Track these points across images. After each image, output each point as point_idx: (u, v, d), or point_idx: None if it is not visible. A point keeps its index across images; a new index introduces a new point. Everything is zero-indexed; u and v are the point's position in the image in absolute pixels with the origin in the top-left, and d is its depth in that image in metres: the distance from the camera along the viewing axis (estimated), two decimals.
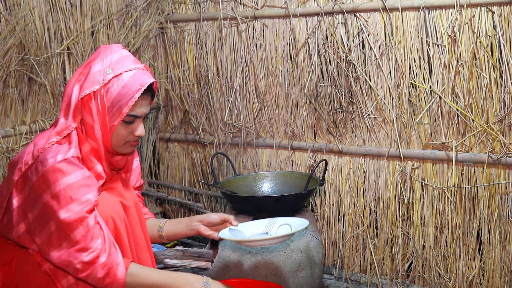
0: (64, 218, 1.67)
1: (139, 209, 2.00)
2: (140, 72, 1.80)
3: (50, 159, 1.70)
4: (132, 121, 1.82)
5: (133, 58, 1.84)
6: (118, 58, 1.80)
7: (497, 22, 2.37)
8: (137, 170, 2.13)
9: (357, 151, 2.85)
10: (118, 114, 1.78)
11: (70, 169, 1.71)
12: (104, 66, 1.78)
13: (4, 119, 2.67)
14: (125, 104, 1.76)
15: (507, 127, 2.43)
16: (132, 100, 1.76)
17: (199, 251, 2.59)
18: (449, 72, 2.52)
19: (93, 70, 1.78)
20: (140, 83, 1.78)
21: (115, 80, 1.76)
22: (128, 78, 1.77)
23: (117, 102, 1.76)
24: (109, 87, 1.76)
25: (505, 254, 2.52)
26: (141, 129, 1.84)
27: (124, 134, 1.83)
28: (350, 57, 2.74)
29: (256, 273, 2.35)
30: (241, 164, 3.21)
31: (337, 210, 2.95)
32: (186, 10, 3.27)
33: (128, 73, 1.78)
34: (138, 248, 1.94)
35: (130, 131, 1.84)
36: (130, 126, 1.83)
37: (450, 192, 2.61)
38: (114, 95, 1.76)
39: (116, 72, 1.77)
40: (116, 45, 1.86)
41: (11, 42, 2.55)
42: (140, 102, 1.80)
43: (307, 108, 2.94)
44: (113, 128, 1.80)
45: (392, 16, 2.61)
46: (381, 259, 2.83)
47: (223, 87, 3.18)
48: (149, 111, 1.87)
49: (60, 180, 1.68)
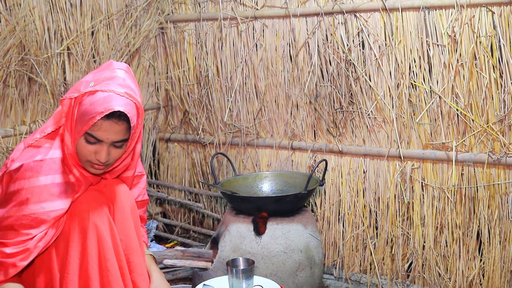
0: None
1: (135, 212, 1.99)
2: (115, 97, 1.72)
3: (28, 157, 1.76)
4: (95, 142, 1.75)
5: (123, 82, 1.77)
6: (108, 76, 1.77)
7: (497, 22, 2.37)
8: (141, 184, 2.12)
9: (357, 151, 2.85)
10: (79, 129, 1.74)
11: (44, 171, 1.74)
12: (93, 79, 1.77)
13: (4, 119, 2.67)
14: (85, 122, 1.71)
15: (507, 127, 2.43)
16: (91, 121, 1.70)
17: (199, 251, 2.59)
18: (449, 72, 2.52)
19: (84, 79, 1.80)
20: (105, 107, 1.69)
21: (89, 95, 1.74)
22: (99, 98, 1.71)
23: (82, 117, 1.73)
24: (83, 99, 1.75)
25: (505, 254, 2.52)
26: (102, 154, 1.75)
27: (86, 152, 1.76)
28: (350, 57, 2.74)
29: (256, 273, 2.35)
30: (241, 164, 3.21)
31: (337, 210, 2.95)
32: (186, 10, 3.28)
33: (103, 93, 1.72)
34: (131, 252, 1.92)
35: (93, 151, 1.76)
36: (94, 146, 1.76)
37: (450, 192, 2.61)
38: (83, 109, 1.73)
39: (95, 88, 1.74)
40: (118, 64, 1.83)
41: (11, 42, 2.55)
42: (105, 126, 1.72)
43: (307, 108, 2.94)
44: (76, 140, 1.77)
45: (392, 16, 2.61)
46: (381, 259, 2.83)
47: (223, 87, 3.18)
48: (121, 138, 1.76)
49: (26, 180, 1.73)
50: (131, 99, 1.76)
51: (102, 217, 1.84)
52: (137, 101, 1.78)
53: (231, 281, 2.03)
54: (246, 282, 2.02)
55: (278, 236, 2.44)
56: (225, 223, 2.57)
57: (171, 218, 3.56)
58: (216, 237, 2.60)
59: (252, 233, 2.46)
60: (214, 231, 3.17)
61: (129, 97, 1.75)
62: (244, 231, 2.46)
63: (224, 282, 2.11)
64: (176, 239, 3.33)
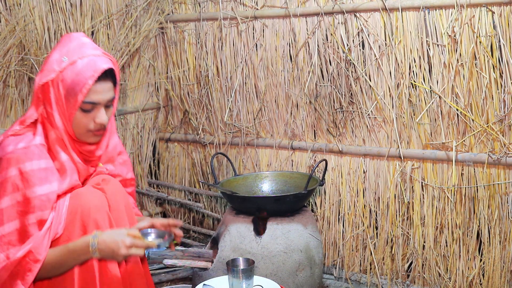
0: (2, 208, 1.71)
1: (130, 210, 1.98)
2: (96, 58, 1.77)
3: (9, 146, 1.74)
4: (91, 109, 1.78)
5: (93, 45, 1.81)
6: (75, 46, 1.78)
7: (497, 22, 2.37)
8: (127, 163, 2.13)
9: (357, 151, 2.85)
10: (74, 102, 1.76)
11: (28, 157, 1.73)
12: (61, 54, 1.78)
13: (4, 119, 2.67)
14: (79, 92, 1.74)
15: (507, 127, 2.43)
16: (85, 87, 1.73)
17: (199, 251, 2.59)
18: (449, 72, 2.52)
19: (51, 59, 1.78)
20: (94, 69, 1.74)
21: (69, 68, 1.75)
22: (82, 65, 1.74)
23: (72, 90, 1.74)
24: (64, 75, 1.75)
25: (505, 254, 2.52)
26: (102, 116, 1.80)
27: (85, 122, 1.80)
28: (350, 57, 2.74)
29: (256, 273, 2.35)
30: (241, 164, 3.21)
31: (337, 210, 2.95)
32: (186, 10, 3.28)
33: (82, 60, 1.75)
34: None
35: (91, 119, 1.80)
36: (90, 114, 1.79)
37: (450, 192, 2.61)
38: (69, 83, 1.74)
39: (71, 60, 1.75)
40: (77, 33, 1.85)
41: (11, 42, 2.56)
42: (97, 88, 1.76)
43: (307, 108, 2.94)
44: (72, 116, 1.78)
45: (392, 16, 2.61)
46: (381, 259, 2.83)
47: (223, 87, 3.18)
48: (111, 96, 1.82)
49: (12, 167, 1.71)
50: (109, 57, 1.82)
51: (102, 214, 1.84)
52: (113, 58, 1.85)
53: (231, 281, 2.03)
54: (246, 282, 2.02)
55: (278, 236, 2.44)
56: (225, 223, 2.57)
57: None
58: (216, 237, 2.60)
59: (252, 233, 2.46)
60: (214, 231, 3.17)
61: (107, 56, 1.81)
62: (244, 231, 2.46)
63: (224, 282, 2.11)
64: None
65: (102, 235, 1.73)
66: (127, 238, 1.72)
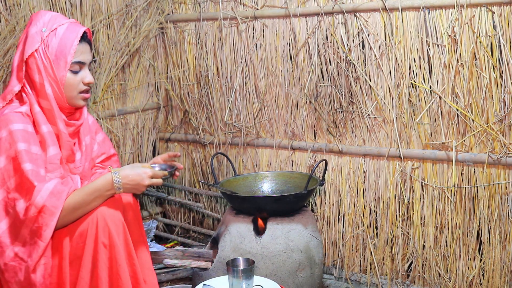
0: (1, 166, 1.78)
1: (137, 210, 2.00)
2: (73, 24, 1.93)
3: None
4: (79, 70, 1.94)
5: (63, 16, 1.96)
6: (49, 18, 1.92)
7: (497, 22, 2.37)
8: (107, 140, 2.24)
9: (357, 151, 2.85)
10: (64, 64, 1.89)
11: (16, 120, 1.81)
12: (39, 27, 1.90)
13: None
14: (68, 53, 1.88)
15: (507, 127, 2.43)
16: (73, 48, 1.89)
17: (199, 251, 2.59)
18: (449, 72, 2.52)
19: (30, 33, 1.90)
20: (76, 31, 1.91)
21: (52, 35, 1.89)
22: (63, 30, 1.90)
23: (60, 53, 1.88)
24: (48, 42, 1.88)
25: (505, 254, 2.52)
26: (89, 76, 1.96)
27: (75, 83, 1.93)
28: (350, 57, 2.74)
29: (256, 273, 2.35)
30: (241, 164, 3.21)
31: (337, 210, 2.95)
32: (186, 10, 3.28)
33: (62, 27, 1.90)
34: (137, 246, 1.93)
35: (80, 80, 1.94)
36: (78, 75, 1.94)
37: (450, 192, 2.61)
38: (56, 47, 1.88)
39: (52, 28, 1.89)
40: (44, 10, 1.99)
41: (11, 42, 2.56)
42: (82, 49, 1.93)
43: (307, 108, 2.94)
44: (63, 79, 1.90)
45: (392, 16, 2.61)
46: (381, 259, 2.83)
47: (223, 87, 3.18)
48: (91, 58, 2.00)
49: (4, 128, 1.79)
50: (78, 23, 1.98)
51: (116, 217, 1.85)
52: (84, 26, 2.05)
53: (231, 281, 2.03)
54: (246, 282, 2.02)
55: (278, 236, 2.44)
56: (225, 223, 2.57)
57: (171, 218, 3.56)
58: (216, 237, 2.60)
59: (252, 233, 2.46)
60: (214, 231, 3.17)
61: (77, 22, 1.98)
62: (244, 231, 2.46)
63: (224, 282, 2.11)
64: (176, 239, 3.34)
65: (123, 171, 1.85)
66: (147, 170, 1.87)
